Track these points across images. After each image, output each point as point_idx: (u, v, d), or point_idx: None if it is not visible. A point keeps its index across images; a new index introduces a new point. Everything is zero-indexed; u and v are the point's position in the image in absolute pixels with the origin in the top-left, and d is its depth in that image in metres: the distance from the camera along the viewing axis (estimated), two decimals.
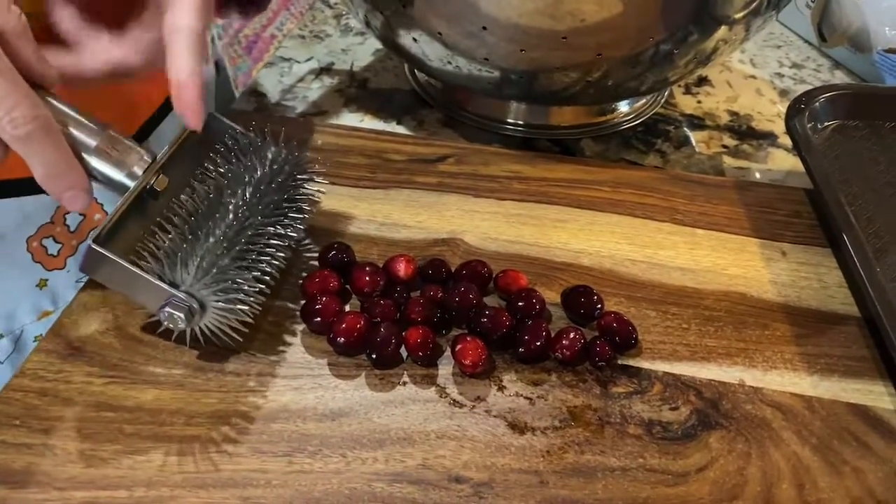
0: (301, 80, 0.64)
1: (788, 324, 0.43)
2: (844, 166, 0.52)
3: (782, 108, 0.54)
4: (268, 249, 0.40)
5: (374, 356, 0.39)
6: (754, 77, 0.68)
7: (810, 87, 0.56)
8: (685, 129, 0.61)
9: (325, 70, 0.65)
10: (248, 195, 0.40)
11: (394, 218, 0.48)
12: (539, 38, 0.47)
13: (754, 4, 0.49)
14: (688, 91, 0.65)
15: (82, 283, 0.43)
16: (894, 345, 0.39)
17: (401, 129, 0.59)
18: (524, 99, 0.58)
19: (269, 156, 0.43)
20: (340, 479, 0.34)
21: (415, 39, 0.51)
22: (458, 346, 0.39)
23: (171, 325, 0.37)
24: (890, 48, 0.65)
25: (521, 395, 0.38)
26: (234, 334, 0.37)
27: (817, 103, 0.55)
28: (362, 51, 0.68)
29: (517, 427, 0.37)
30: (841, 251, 0.46)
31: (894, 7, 0.63)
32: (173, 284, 0.37)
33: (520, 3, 0.45)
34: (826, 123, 0.55)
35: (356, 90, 0.63)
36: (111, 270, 0.37)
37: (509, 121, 0.59)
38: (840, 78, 0.69)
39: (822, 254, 0.47)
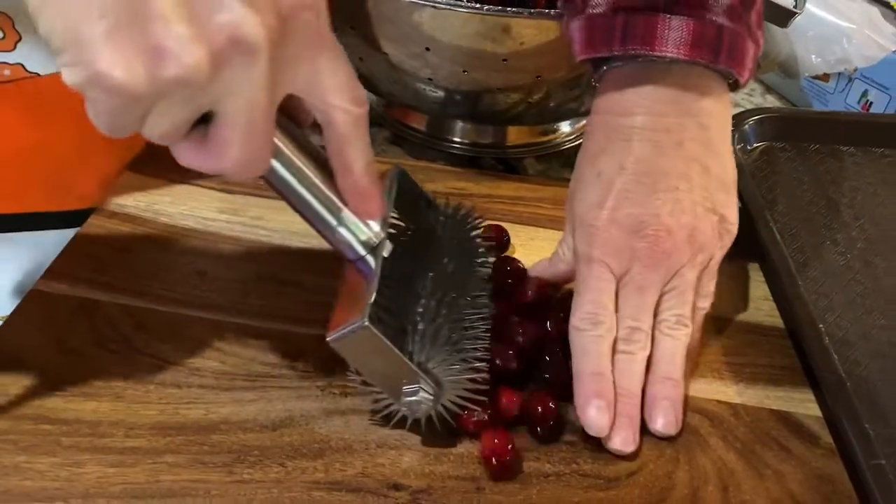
0: None
1: (716, 335, 0.45)
2: (772, 185, 0.55)
3: None
4: (473, 307, 0.39)
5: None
6: None
7: (743, 110, 0.59)
8: None
9: None
10: (438, 255, 0.39)
11: None
12: (480, 60, 0.49)
13: None
14: None
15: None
16: (815, 354, 0.42)
17: None
18: (469, 118, 0.60)
19: (440, 210, 0.42)
20: (280, 489, 0.35)
21: (361, 59, 0.53)
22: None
23: (408, 414, 0.36)
24: (816, 75, 0.69)
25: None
26: (471, 407, 0.36)
27: (746, 125, 0.57)
28: None
29: (456, 435, 0.38)
30: (767, 266, 0.48)
31: (820, 37, 0.67)
32: (420, 367, 0.35)
33: (461, 26, 0.47)
34: (755, 145, 0.58)
35: None
36: (370, 351, 0.34)
37: (455, 139, 0.61)
38: (771, 102, 0.73)
39: (749, 268, 0.50)
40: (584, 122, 0.64)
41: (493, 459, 0.36)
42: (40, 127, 0.45)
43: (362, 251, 0.35)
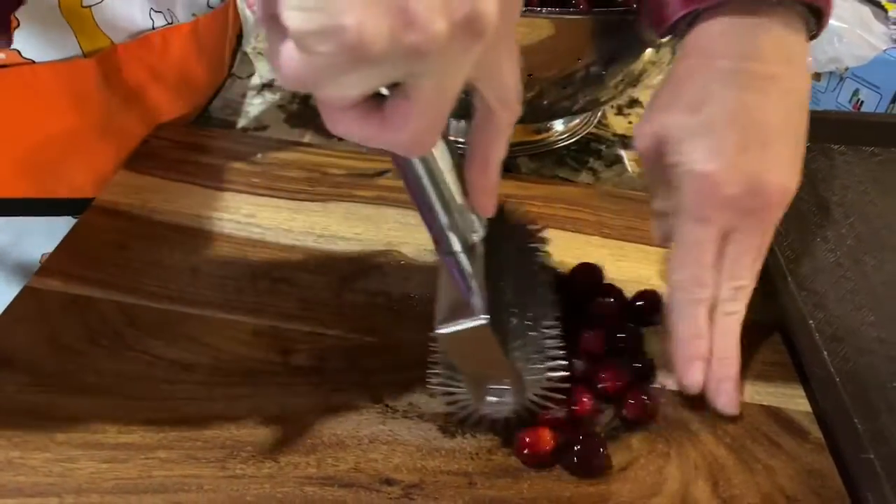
0: (243, 95, 0.65)
1: None
2: None
3: None
4: (542, 307, 0.39)
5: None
6: None
7: None
8: (617, 148, 0.63)
9: (268, 86, 0.66)
10: (503, 256, 0.39)
11: (331, 230, 0.49)
12: None
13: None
14: (620, 112, 0.68)
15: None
16: (805, 350, 0.42)
17: (342, 146, 0.60)
18: (462, 116, 0.60)
19: (505, 215, 0.42)
20: (273, 484, 0.35)
21: None
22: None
23: (489, 414, 0.36)
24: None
25: None
26: (552, 406, 0.36)
27: None
28: None
29: (448, 431, 0.38)
30: None
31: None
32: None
33: None
34: None
35: (298, 106, 0.64)
36: (476, 348, 0.34)
37: (450, 138, 0.61)
38: None
39: None
40: (576, 120, 0.64)
41: (531, 454, 0.36)
42: (33, 114, 0.45)
43: (458, 247, 0.35)
